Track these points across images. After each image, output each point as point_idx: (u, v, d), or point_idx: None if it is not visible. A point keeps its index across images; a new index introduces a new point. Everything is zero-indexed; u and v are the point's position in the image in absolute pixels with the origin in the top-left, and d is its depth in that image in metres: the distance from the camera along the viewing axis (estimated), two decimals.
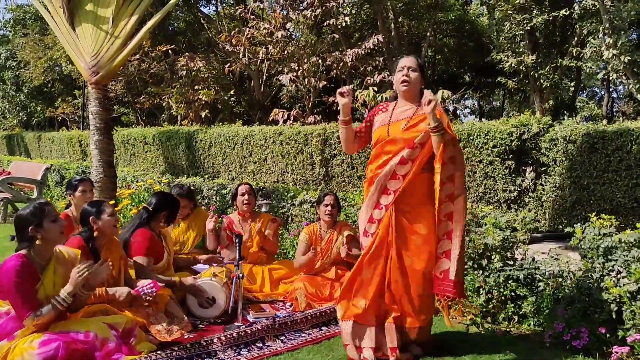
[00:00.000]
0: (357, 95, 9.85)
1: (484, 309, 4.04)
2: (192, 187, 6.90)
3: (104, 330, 2.99)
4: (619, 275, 3.53)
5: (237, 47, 12.33)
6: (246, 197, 4.86)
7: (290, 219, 6.50)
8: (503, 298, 4.02)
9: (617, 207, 5.72)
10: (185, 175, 10.21)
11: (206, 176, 9.50)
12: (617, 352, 3.12)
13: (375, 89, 9.65)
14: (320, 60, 11.07)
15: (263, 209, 5.27)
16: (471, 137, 6.82)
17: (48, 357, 2.71)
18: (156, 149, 12.89)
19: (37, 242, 2.95)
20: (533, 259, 4.15)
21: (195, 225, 4.89)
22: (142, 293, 3.39)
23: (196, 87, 14.05)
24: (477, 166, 6.79)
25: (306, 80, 10.85)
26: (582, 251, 3.79)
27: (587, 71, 13.18)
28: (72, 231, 3.78)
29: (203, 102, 13.79)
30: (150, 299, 3.42)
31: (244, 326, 3.62)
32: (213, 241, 4.81)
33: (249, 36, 11.94)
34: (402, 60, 3.31)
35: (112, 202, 6.59)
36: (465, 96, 24.34)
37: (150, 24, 6.85)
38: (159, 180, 8.21)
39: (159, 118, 19.68)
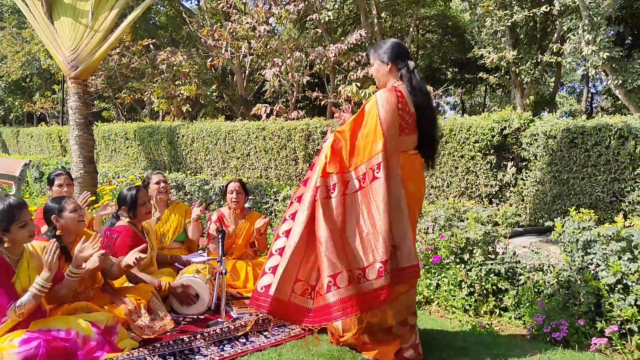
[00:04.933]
0: (341, 90, 9.85)
1: (466, 303, 4.08)
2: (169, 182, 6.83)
3: (86, 327, 2.96)
4: (597, 269, 3.59)
5: (219, 42, 12.24)
6: (234, 195, 4.83)
7: (273, 214, 6.49)
8: (485, 292, 4.07)
9: (596, 201, 5.81)
10: (168, 171, 10.13)
11: (188, 172, 9.43)
12: (595, 344, 3.18)
13: (359, 84, 9.66)
14: (303, 55, 11.04)
15: (246, 205, 5.25)
16: (453, 133, 6.87)
17: (28, 355, 2.67)
18: (137, 145, 12.76)
19: (5, 243, 2.92)
20: (514, 253, 4.21)
21: (175, 216, 4.85)
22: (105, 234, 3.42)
23: (177, 82, 13.93)
24: (459, 161, 6.84)
25: (289, 75, 10.82)
26: (562, 245, 3.85)
27: (567, 67, 13.34)
28: None
29: (185, 97, 13.68)
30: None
31: (227, 322, 3.61)
32: (196, 231, 4.77)
33: (231, 31, 11.85)
34: None
35: (93, 198, 6.51)
36: (448, 92, 24.49)
37: (130, 17, 6.77)
38: (140, 176, 8.14)
39: (140, 113, 19.47)
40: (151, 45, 14.84)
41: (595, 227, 3.72)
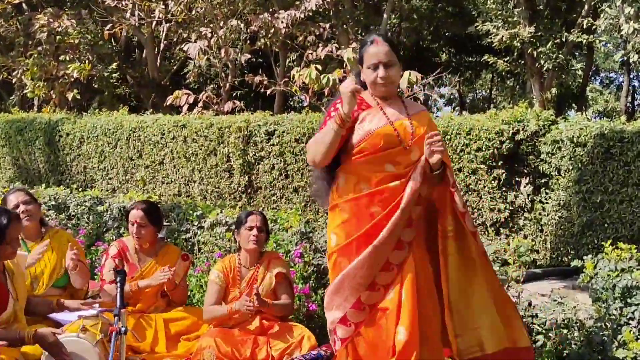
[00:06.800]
0: (294, 75, 9.87)
1: None
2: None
3: None
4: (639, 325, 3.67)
5: (123, 2, 12.13)
6: (135, 228, 4.72)
7: (196, 248, 6.41)
8: None
9: (638, 233, 5.96)
10: (44, 185, 9.91)
11: (74, 186, 9.25)
12: None
13: (319, 67, 9.69)
14: (242, 25, 11.05)
15: (160, 235, 5.17)
16: (448, 137, 6.96)
17: None
18: (1, 146, 12.50)
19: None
20: (530, 304, 4.27)
21: (52, 252, 4.72)
22: None
23: (62, 57, 13.71)
24: (457, 176, 6.93)
25: (222, 51, 10.79)
26: (593, 292, 3.92)
27: (601, 50, 13.78)
28: None
29: (72, 79, 13.46)
30: None
31: None
32: (79, 279, 4.64)
33: None
34: (373, 50, 3.22)
35: None
36: (442, 80, 24.92)
37: None
38: (4, 191, 7.93)
39: (6, 101, 19.05)
40: (24, 5, 14.59)
41: (637, 269, 3.81)
